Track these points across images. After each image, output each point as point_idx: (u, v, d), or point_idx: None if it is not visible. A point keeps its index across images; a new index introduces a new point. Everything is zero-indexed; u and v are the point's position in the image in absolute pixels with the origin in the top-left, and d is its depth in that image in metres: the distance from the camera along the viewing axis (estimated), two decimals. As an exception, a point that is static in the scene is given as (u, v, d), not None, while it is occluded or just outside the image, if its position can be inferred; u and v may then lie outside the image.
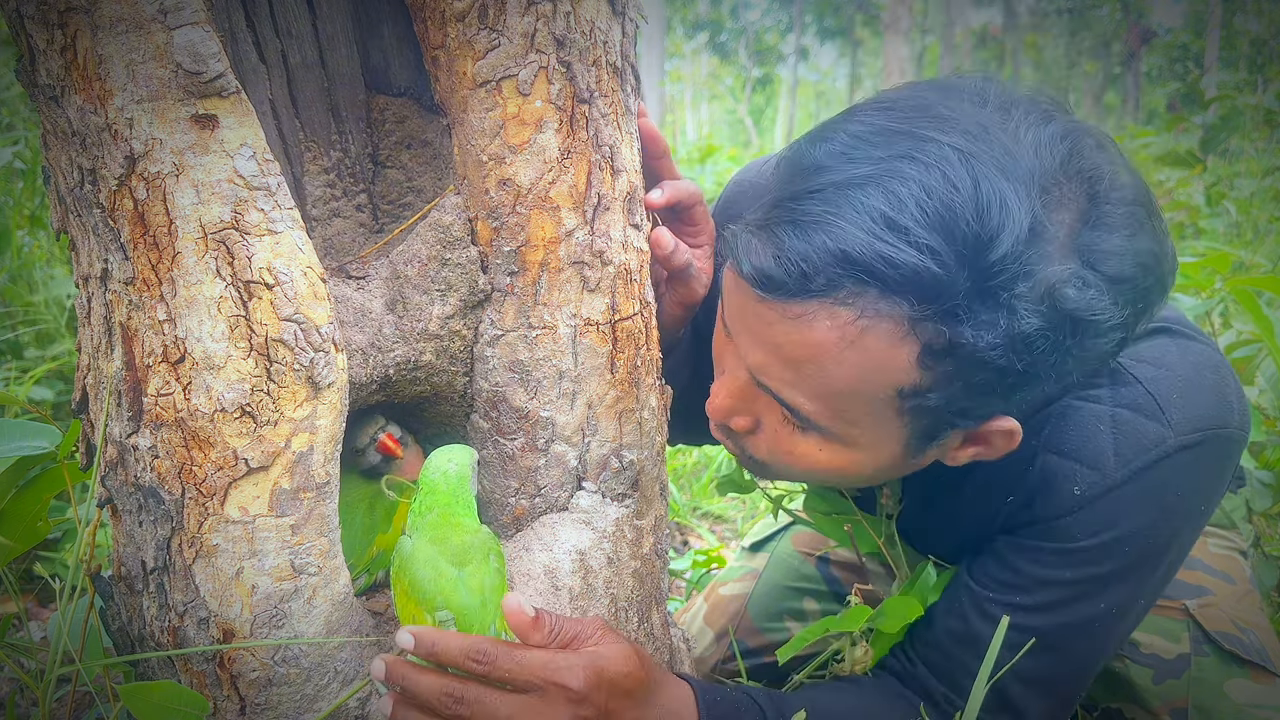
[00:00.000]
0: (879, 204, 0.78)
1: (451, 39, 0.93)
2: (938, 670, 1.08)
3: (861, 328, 0.81)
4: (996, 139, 0.80)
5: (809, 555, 1.55)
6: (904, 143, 0.80)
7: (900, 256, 0.77)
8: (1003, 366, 0.81)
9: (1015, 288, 0.78)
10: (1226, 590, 1.30)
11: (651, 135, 1.06)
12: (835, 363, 0.83)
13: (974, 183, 0.77)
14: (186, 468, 0.85)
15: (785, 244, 0.81)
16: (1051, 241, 0.79)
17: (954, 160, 0.78)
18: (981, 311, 0.78)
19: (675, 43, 24.55)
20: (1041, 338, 0.79)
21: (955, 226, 0.77)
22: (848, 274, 0.79)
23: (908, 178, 0.78)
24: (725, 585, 1.60)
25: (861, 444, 0.91)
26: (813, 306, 0.82)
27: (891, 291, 0.79)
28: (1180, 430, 0.96)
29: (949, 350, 0.80)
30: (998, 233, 0.77)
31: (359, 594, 1.03)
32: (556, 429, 1.02)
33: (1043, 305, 0.79)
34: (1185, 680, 1.20)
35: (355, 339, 0.96)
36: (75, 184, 0.84)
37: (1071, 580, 1.00)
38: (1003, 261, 0.77)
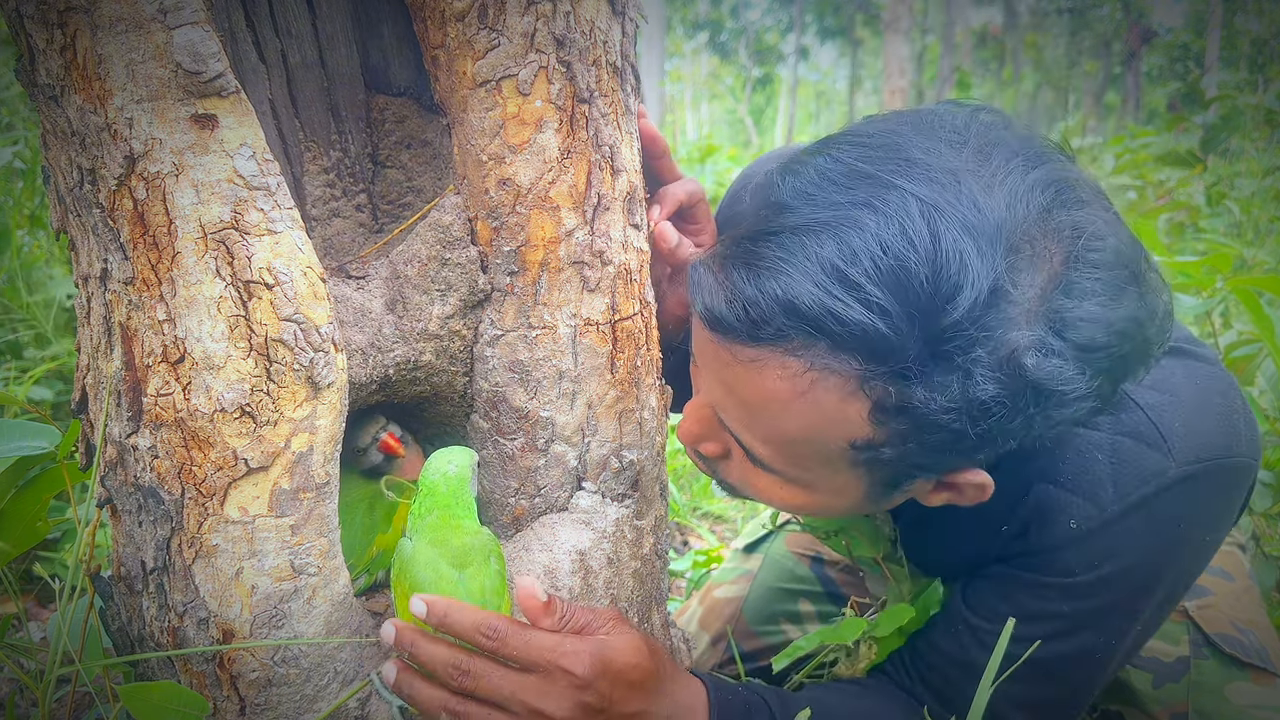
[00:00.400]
0: (832, 255, 0.75)
1: (451, 39, 0.93)
2: (935, 690, 1.07)
3: (811, 380, 0.78)
4: (965, 190, 0.75)
5: (803, 556, 1.54)
6: (867, 188, 0.77)
7: (849, 314, 0.74)
8: (957, 430, 0.77)
9: (972, 351, 0.74)
10: (1225, 588, 1.29)
11: (651, 136, 1.06)
12: (786, 412, 0.82)
13: (933, 239, 0.73)
14: (186, 468, 0.85)
15: (737, 287, 0.79)
16: (1016, 304, 0.75)
17: (914, 213, 0.74)
18: (935, 373, 0.75)
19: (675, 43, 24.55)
20: (998, 405, 0.76)
21: (909, 286, 0.73)
22: (796, 326, 0.77)
23: (864, 228, 0.75)
24: (720, 587, 1.59)
25: (820, 489, 0.90)
26: (764, 353, 0.80)
27: (840, 348, 0.76)
28: (1182, 460, 0.93)
29: (900, 409, 0.77)
30: (954, 294, 0.73)
31: (359, 594, 1.03)
32: (556, 429, 1.02)
33: (1001, 372, 0.75)
34: (1185, 684, 1.19)
35: (355, 339, 0.96)
36: (75, 184, 0.84)
37: (1070, 613, 0.97)
38: (958, 325, 0.73)
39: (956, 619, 1.05)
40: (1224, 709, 1.16)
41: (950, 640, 1.05)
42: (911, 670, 1.10)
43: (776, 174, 0.84)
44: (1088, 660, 1.00)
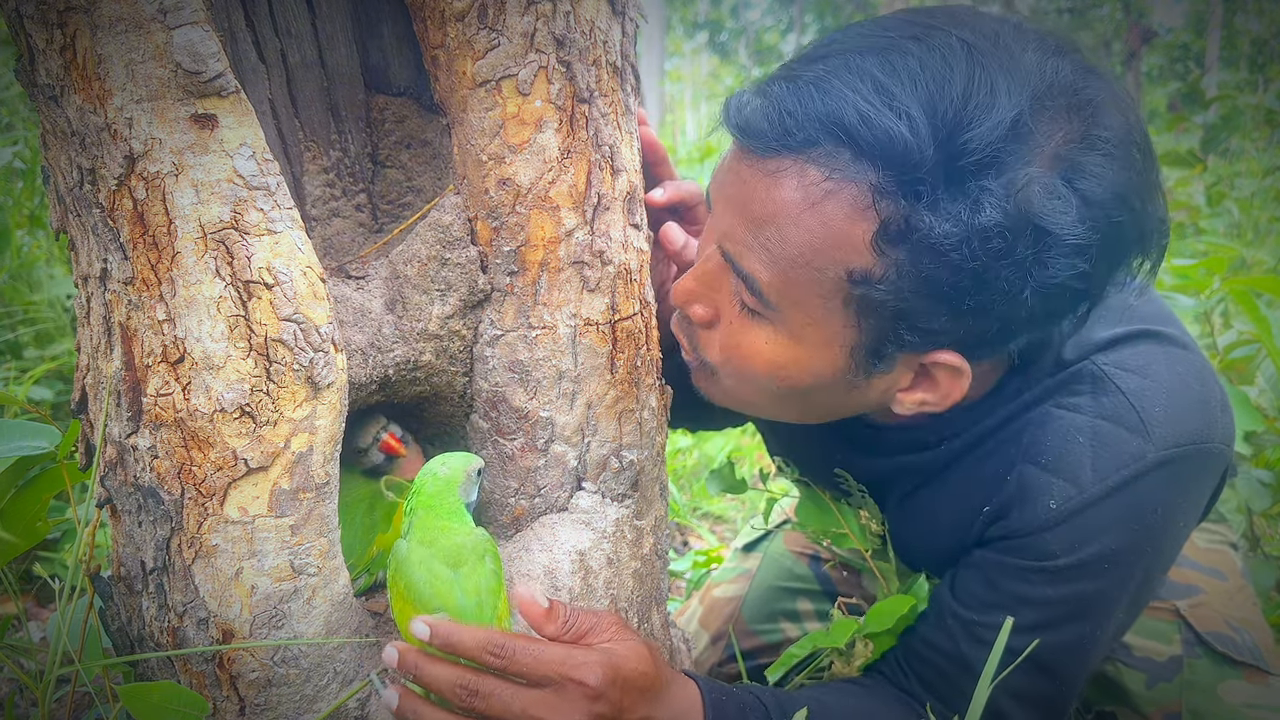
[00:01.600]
0: (875, 70, 0.79)
1: (451, 38, 0.93)
2: (930, 685, 1.07)
3: (825, 190, 0.81)
4: (1004, 44, 0.81)
5: (801, 555, 1.54)
6: (918, 29, 0.82)
7: (877, 118, 0.78)
8: (955, 264, 0.79)
9: (983, 177, 0.77)
10: (1218, 587, 1.28)
11: (650, 143, 1.07)
12: (793, 225, 0.83)
13: (970, 69, 0.78)
14: (186, 468, 0.85)
15: (777, 97, 0.83)
16: (1033, 145, 0.79)
17: (957, 48, 0.79)
18: (944, 197, 0.78)
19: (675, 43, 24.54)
20: (999, 235, 0.78)
21: (938, 101, 0.77)
22: (826, 130, 0.80)
23: (909, 53, 0.80)
24: (719, 587, 1.59)
25: (808, 339, 0.90)
26: (786, 163, 0.83)
27: (863, 155, 0.79)
28: (1161, 444, 0.95)
29: (905, 234, 0.80)
30: (977, 116, 0.77)
31: (359, 594, 1.03)
32: (556, 429, 1.02)
33: (1007, 202, 0.78)
34: (1178, 684, 1.19)
35: (355, 339, 0.96)
36: (74, 184, 0.84)
37: (1055, 599, 0.98)
38: (974, 144, 0.77)
39: (945, 612, 1.06)
40: (1217, 708, 1.16)
41: (940, 634, 1.06)
42: (905, 667, 1.10)
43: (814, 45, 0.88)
44: (1074, 646, 1.00)
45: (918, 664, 1.08)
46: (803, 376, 0.93)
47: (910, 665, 1.09)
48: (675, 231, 1.06)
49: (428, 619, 0.83)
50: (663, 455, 1.12)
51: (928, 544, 1.13)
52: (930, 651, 1.07)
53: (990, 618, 1.00)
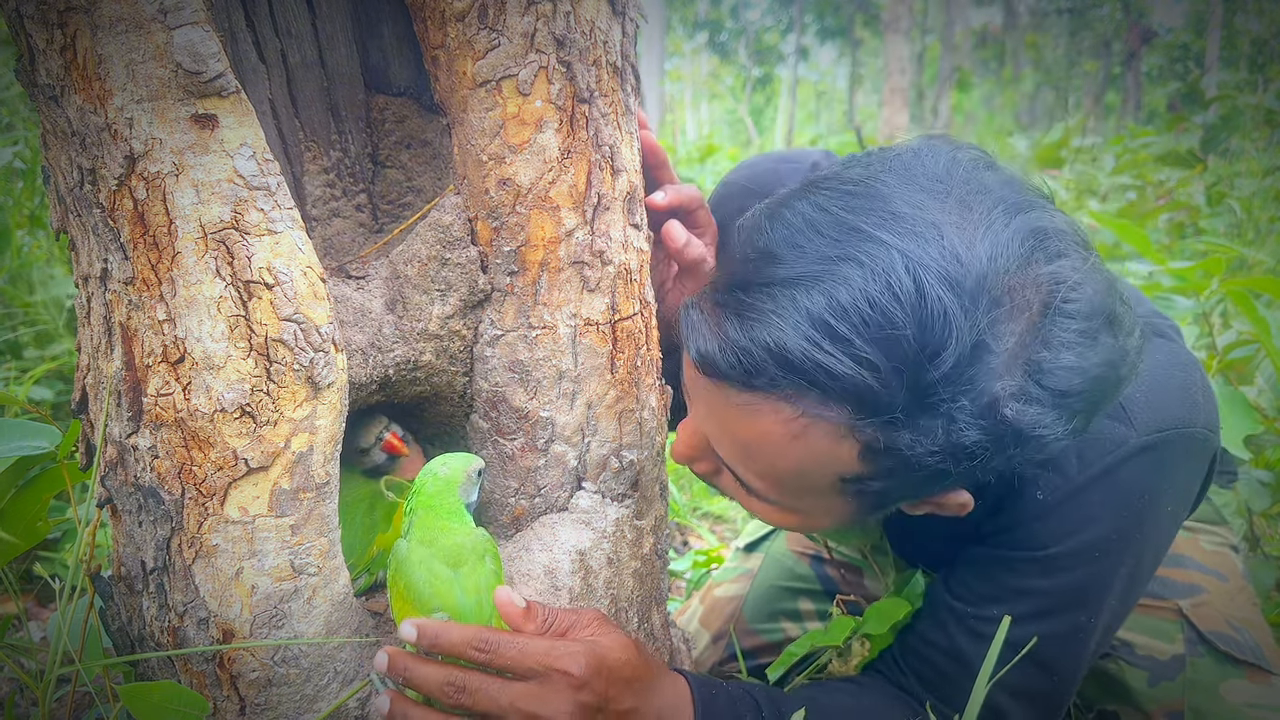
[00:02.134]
0: (820, 309, 0.77)
1: (451, 39, 0.93)
2: (927, 682, 1.08)
3: (804, 425, 0.82)
4: (948, 244, 0.77)
5: (803, 555, 1.55)
6: (853, 241, 0.78)
7: (839, 369, 0.77)
8: (939, 469, 0.81)
9: (956, 401, 0.77)
10: (1220, 588, 1.29)
11: (651, 147, 1.08)
12: (780, 453, 0.85)
13: (918, 294, 0.75)
14: (186, 468, 0.85)
15: (730, 336, 0.81)
16: (997, 355, 0.77)
17: (899, 268, 0.76)
18: (920, 420, 0.78)
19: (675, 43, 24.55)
20: (980, 449, 0.79)
21: (895, 341, 0.76)
22: (788, 377, 0.79)
23: (852, 283, 0.77)
24: (720, 586, 1.59)
25: (811, 513, 0.94)
26: (758, 399, 0.83)
27: (830, 399, 0.79)
28: (1144, 430, 0.97)
29: (888, 451, 0.81)
30: (939, 350, 0.76)
31: (359, 594, 1.03)
32: (556, 429, 1.02)
33: (983, 419, 0.78)
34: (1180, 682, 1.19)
35: (355, 339, 0.96)
36: (75, 184, 0.84)
37: (1048, 590, 1.00)
38: (943, 380, 0.76)
39: (941, 607, 1.07)
40: (1219, 707, 1.17)
41: (936, 630, 1.07)
42: (902, 664, 1.10)
43: (765, 219, 0.85)
44: (1069, 637, 1.02)
45: (914, 661, 1.09)
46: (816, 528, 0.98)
47: (907, 662, 1.10)
48: (678, 229, 1.06)
49: (415, 621, 0.84)
50: (663, 455, 1.12)
51: (925, 542, 1.15)
52: (926, 648, 1.07)
53: (985, 610, 1.02)
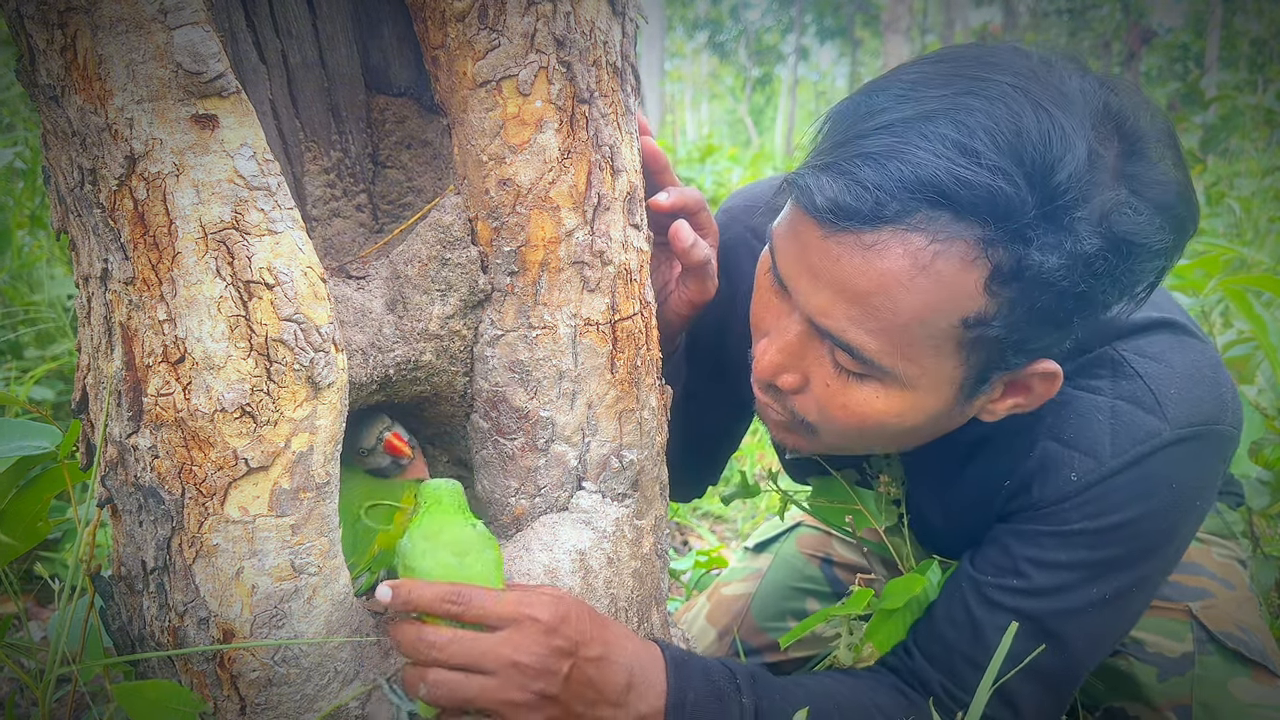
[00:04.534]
0: (949, 131, 0.82)
1: (451, 39, 0.94)
2: (936, 661, 1.08)
3: (934, 252, 0.83)
4: (1047, 80, 0.85)
5: (813, 557, 1.56)
6: (964, 82, 0.84)
7: (975, 178, 0.81)
8: (1064, 289, 0.84)
9: (1077, 210, 0.82)
10: (1228, 595, 1.31)
11: (652, 152, 1.08)
12: (905, 291, 0.85)
13: (1034, 113, 0.82)
14: (186, 468, 0.85)
15: (859, 174, 0.84)
16: (1104, 170, 0.84)
17: (1013, 95, 0.83)
18: (1048, 234, 0.82)
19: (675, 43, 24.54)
20: (1100, 259, 0.83)
21: (1023, 150, 0.81)
22: (922, 199, 0.82)
23: (974, 109, 0.82)
24: (728, 585, 1.60)
25: (920, 385, 0.92)
26: (885, 235, 0.84)
27: (965, 214, 0.82)
28: (1176, 424, 0.99)
29: (1016, 273, 0.83)
30: (1061, 157, 0.81)
31: (359, 594, 1.03)
32: (556, 429, 1.02)
33: (1101, 228, 0.83)
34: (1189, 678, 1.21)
35: (355, 339, 0.96)
36: (75, 184, 0.84)
37: (1067, 563, 1.01)
38: (1067, 183, 0.81)
39: (958, 582, 1.08)
40: (1227, 703, 1.18)
41: (952, 603, 1.07)
42: (911, 646, 1.10)
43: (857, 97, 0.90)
44: (1084, 621, 1.03)
45: (924, 640, 1.09)
46: (916, 418, 0.96)
47: (918, 644, 1.09)
48: (685, 230, 1.07)
49: (390, 582, 0.86)
50: (663, 455, 1.12)
51: (950, 524, 1.15)
52: (939, 623, 1.08)
53: (1002, 579, 1.03)
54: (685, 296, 1.13)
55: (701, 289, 1.12)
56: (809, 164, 0.90)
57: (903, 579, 1.10)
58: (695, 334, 1.25)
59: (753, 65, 23.33)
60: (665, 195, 1.08)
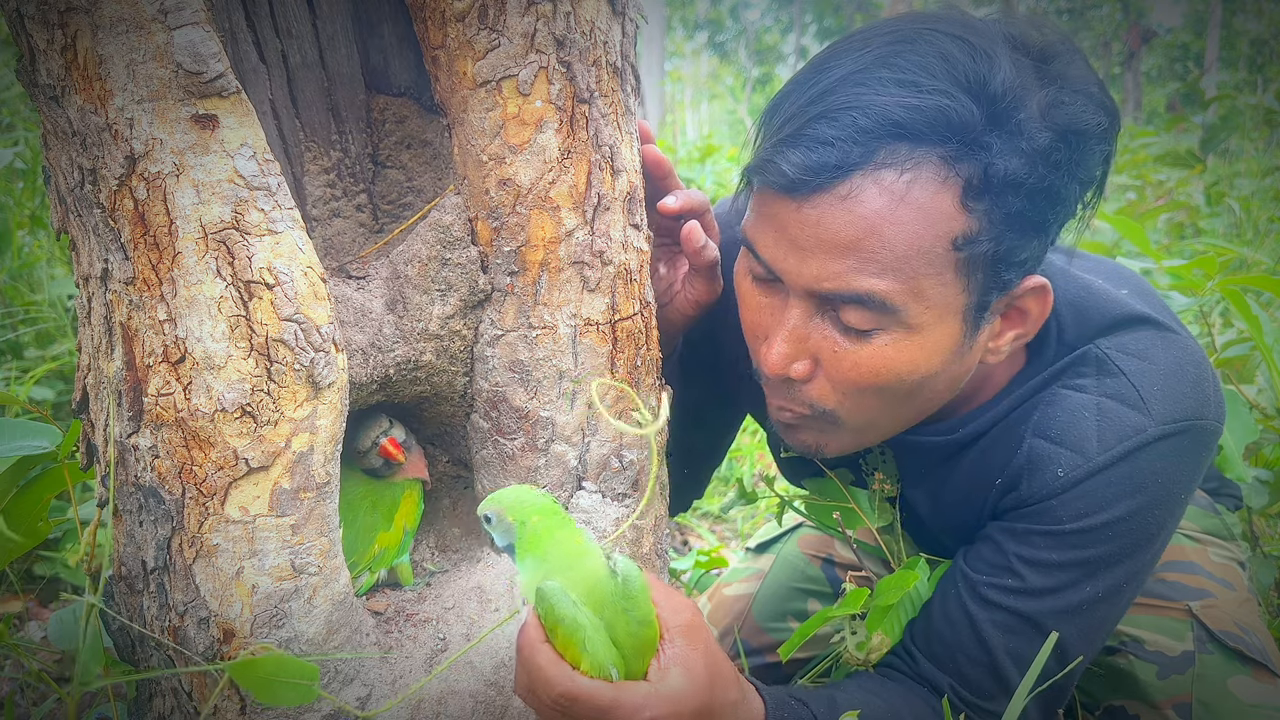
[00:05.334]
0: (887, 75, 0.88)
1: (451, 39, 0.94)
2: (941, 663, 1.08)
3: (907, 182, 0.88)
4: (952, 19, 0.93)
5: (815, 557, 1.56)
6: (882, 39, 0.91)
7: (922, 102, 0.87)
8: (1032, 188, 0.89)
9: (1019, 113, 0.88)
10: (1227, 595, 1.31)
11: (656, 159, 1.09)
12: (891, 225, 0.89)
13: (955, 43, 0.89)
14: (187, 468, 0.85)
15: (818, 134, 0.89)
16: (1029, 74, 0.90)
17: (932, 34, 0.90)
18: (1002, 139, 0.88)
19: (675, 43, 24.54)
20: (1054, 150, 0.89)
21: (954, 72, 0.88)
22: (878, 137, 0.87)
23: (902, 52, 0.89)
24: (730, 585, 1.60)
25: (927, 322, 0.94)
26: (856, 180, 0.88)
27: (924, 138, 0.87)
28: (1161, 420, 1.01)
29: (986, 183, 0.88)
30: (990, 70, 0.88)
31: (360, 594, 1.03)
32: (556, 429, 1.02)
33: (1045, 122, 0.89)
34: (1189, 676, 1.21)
35: (355, 339, 0.96)
36: (75, 184, 0.84)
37: (1059, 563, 1.02)
38: (1002, 90, 0.87)
39: (953, 580, 1.09)
40: (1227, 701, 1.18)
41: (948, 601, 1.08)
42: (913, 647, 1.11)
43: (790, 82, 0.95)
44: (1079, 618, 1.04)
45: (925, 641, 1.09)
46: (931, 362, 0.97)
47: (918, 645, 1.10)
48: (698, 231, 1.08)
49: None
50: (663, 455, 1.12)
51: (943, 522, 1.16)
52: (937, 623, 1.09)
53: (997, 579, 1.04)
54: (692, 296, 1.13)
55: (709, 289, 1.13)
56: (764, 149, 0.94)
57: (895, 575, 1.11)
58: (690, 341, 1.25)
59: (753, 65, 23.33)
60: (673, 199, 1.08)
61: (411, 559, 1.11)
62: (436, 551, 1.15)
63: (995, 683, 1.05)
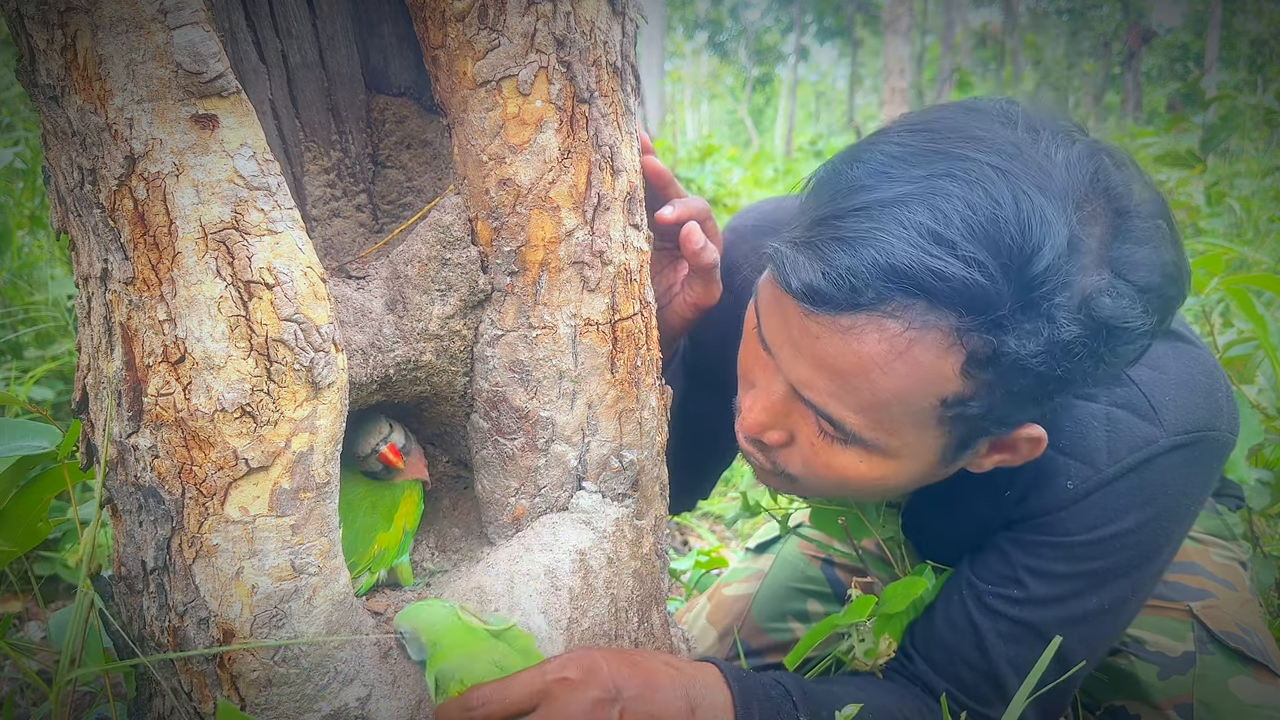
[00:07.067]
0: (924, 219, 0.80)
1: (451, 39, 0.93)
2: (940, 667, 1.08)
3: (910, 339, 0.82)
4: (1030, 157, 0.82)
5: (814, 558, 1.56)
6: (942, 162, 0.82)
7: (949, 270, 0.79)
8: (1042, 373, 0.83)
9: (1055, 298, 0.80)
10: (1229, 596, 1.31)
11: (656, 170, 1.09)
12: (883, 374, 0.85)
13: (1014, 198, 0.79)
14: (186, 468, 0.85)
15: (834, 259, 0.82)
16: (1087, 254, 0.82)
17: (993, 177, 0.80)
18: (1025, 321, 0.80)
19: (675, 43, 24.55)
20: (1080, 345, 0.82)
21: (1000, 240, 0.79)
22: (896, 287, 0.81)
23: (951, 194, 0.80)
24: (729, 586, 1.60)
25: (902, 454, 0.93)
26: (861, 319, 0.83)
27: (940, 304, 0.81)
28: (1172, 431, 1.00)
29: (993, 359, 0.82)
30: (1040, 246, 0.79)
31: (360, 594, 1.03)
32: (556, 429, 1.02)
33: (1080, 314, 0.81)
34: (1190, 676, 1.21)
35: (355, 339, 0.96)
36: (75, 184, 0.84)
37: (1066, 574, 1.02)
38: (1045, 274, 0.79)
39: (958, 587, 1.09)
40: (1228, 702, 1.18)
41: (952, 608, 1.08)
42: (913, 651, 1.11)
43: (839, 165, 0.88)
44: (1083, 627, 1.04)
45: (926, 647, 1.10)
46: (902, 477, 0.96)
47: (919, 649, 1.10)
48: (697, 233, 1.08)
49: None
50: (663, 455, 1.12)
51: (950, 536, 1.15)
52: (940, 629, 1.09)
53: (1003, 589, 1.04)
54: (690, 299, 1.13)
55: (707, 292, 1.13)
56: (787, 237, 0.89)
57: (902, 582, 1.10)
58: (698, 346, 1.25)
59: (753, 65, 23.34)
60: (671, 209, 1.08)
61: (411, 559, 1.11)
62: (436, 552, 1.15)
63: (994, 689, 1.05)
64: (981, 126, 0.85)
